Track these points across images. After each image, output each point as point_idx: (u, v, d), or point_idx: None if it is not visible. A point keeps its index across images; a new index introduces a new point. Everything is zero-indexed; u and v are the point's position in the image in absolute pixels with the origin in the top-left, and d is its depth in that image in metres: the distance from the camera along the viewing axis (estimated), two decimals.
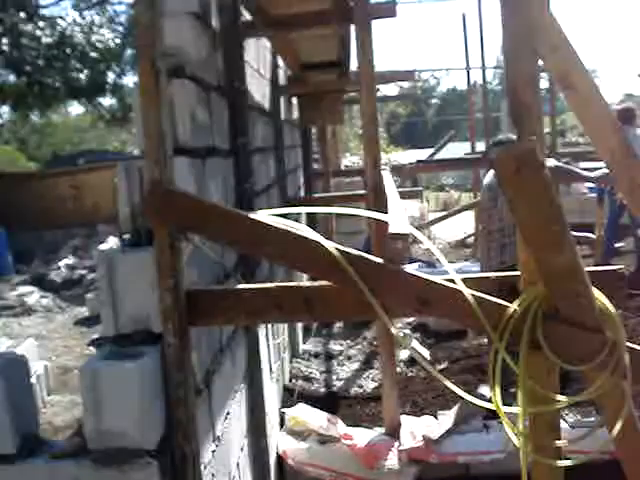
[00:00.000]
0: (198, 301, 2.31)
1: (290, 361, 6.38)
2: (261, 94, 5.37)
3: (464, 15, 12.54)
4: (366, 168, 4.16)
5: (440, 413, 4.78)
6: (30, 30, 17.09)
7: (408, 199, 10.85)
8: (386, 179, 4.46)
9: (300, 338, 7.16)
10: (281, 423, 4.81)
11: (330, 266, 2.12)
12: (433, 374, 2.31)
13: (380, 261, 2.15)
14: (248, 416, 3.67)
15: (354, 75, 6.44)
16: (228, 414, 3.15)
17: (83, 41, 18.05)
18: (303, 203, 7.28)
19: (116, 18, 19.91)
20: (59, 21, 18.04)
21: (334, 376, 6.28)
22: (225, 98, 3.59)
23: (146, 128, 2.14)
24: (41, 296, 11.37)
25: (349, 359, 6.74)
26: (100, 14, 19.53)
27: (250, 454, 3.67)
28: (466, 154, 12.46)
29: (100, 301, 2.31)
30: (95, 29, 18.71)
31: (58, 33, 17.70)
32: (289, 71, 7.27)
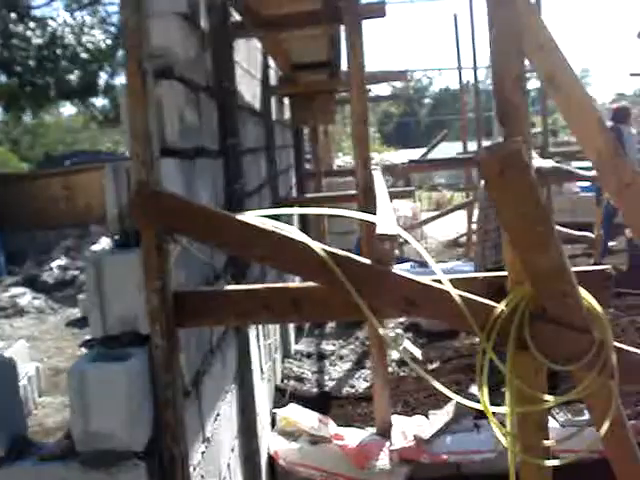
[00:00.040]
0: (186, 302, 2.30)
1: (282, 361, 6.38)
2: (252, 94, 5.36)
3: (455, 15, 12.55)
4: (356, 168, 4.16)
5: (431, 413, 4.79)
6: (21, 31, 17.03)
7: (400, 199, 10.88)
8: (377, 179, 4.47)
9: (292, 338, 7.16)
10: (272, 423, 4.81)
11: (317, 267, 2.12)
12: (420, 374, 2.31)
13: (367, 262, 2.16)
14: (239, 417, 3.67)
15: (345, 75, 6.45)
16: (218, 415, 3.14)
17: (74, 42, 17.99)
18: (294, 204, 7.27)
19: (108, 19, 19.88)
20: (50, 22, 17.98)
21: (326, 376, 6.28)
22: (214, 99, 3.58)
23: (133, 129, 2.13)
24: (33, 297, 11.35)
25: (341, 359, 6.75)
26: (91, 15, 19.49)
27: (241, 455, 3.67)
28: (458, 154, 12.47)
29: (88, 303, 2.30)
30: (86, 30, 18.65)
31: (49, 34, 17.64)
32: (280, 71, 7.27)
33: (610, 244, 9.98)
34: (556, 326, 2.11)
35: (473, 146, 12.20)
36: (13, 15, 17.00)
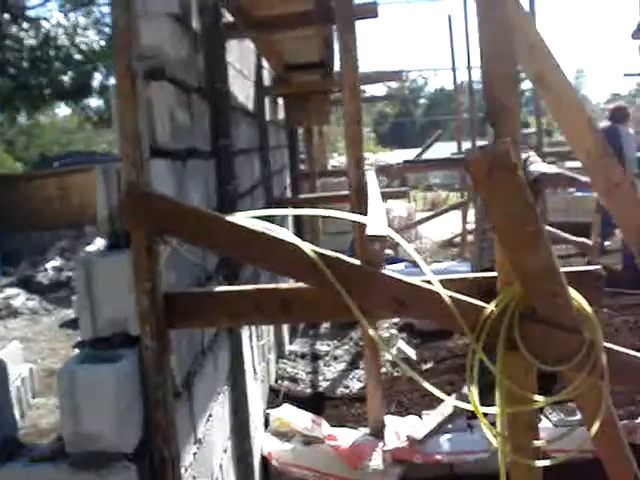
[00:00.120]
0: (177, 303, 2.30)
1: (276, 362, 6.37)
2: (245, 95, 5.36)
3: (450, 16, 12.56)
4: (349, 169, 4.16)
5: (425, 413, 4.79)
6: (14, 32, 16.99)
7: (395, 199, 10.90)
8: (370, 180, 4.47)
9: (286, 339, 7.15)
10: (266, 424, 4.81)
11: (307, 268, 2.12)
12: (410, 375, 2.31)
13: (357, 263, 2.16)
14: (231, 418, 3.67)
15: (338, 76, 6.44)
16: (210, 416, 3.14)
17: (67, 43, 17.95)
18: (288, 204, 7.27)
19: (102, 19, 19.83)
20: (43, 23, 17.93)
21: (320, 377, 6.27)
22: (207, 99, 3.58)
23: (122, 130, 2.13)
24: (27, 298, 11.31)
25: (335, 359, 6.74)
26: (85, 16, 19.45)
27: (234, 456, 3.67)
28: (453, 154, 12.48)
29: (78, 304, 2.30)
30: (80, 31, 18.60)
31: (42, 35, 17.60)
32: (274, 72, 7.27)
33: (605, 244, 9.99)
34: (546, 326, 2.11)
35: (468, 146, 12.21)
36: (7, 16, 16.96)
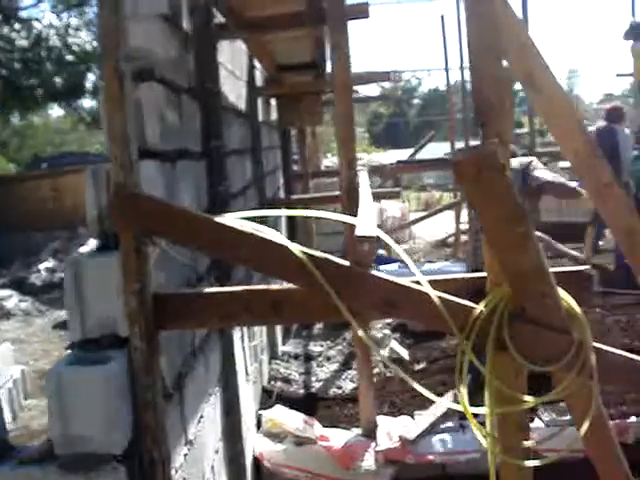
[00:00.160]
0: (167, 304, 2.29)
1: (269, 363, 6.37)
2: (237, 95, 5.35)
3: (442, 16, 12.57)
4: (340, 169, 4.16)
5: (417, 413, 4.79)
6: (6, 33, 16.92)
7: (388, 199, 10.90)
8: (362, 180, 4.47)
9: (279, 340, 7.15)
10: (258, 425, 4.80)
11: (297, 269, 2.12)
12: (400, 375, 2.31)
13: (347, 264, 2.15)
14: (223, 419, 3.66)
15: (330, 76, 6.44)
16: (201, 417, 3.13)
17: (59, 44, 17.89)
18: (281, 205, 7.26)
19: (95, 20, 19.75)
20: (35, 23, 17.87)
21: (313, 377, 6.27)
22: (197, 100, 3.57)
23: (110, 131, 2.12)
24: (20, 300, 11.29)
25: (328, 360, 6.74)
26: (78, 16, 19.40)
27: (225, 457, 3.66)
28: (446, 154, 12.50)
29: (67, 306, 2.29)
30: (72, 31, 18.54)
31: (34, 35, 17.53)
32: (266, 72, 7.26)
33: (599, 243, 10.01)
34: (535, 327, 2.11)
35: (460, 146, 12.23)
36: None
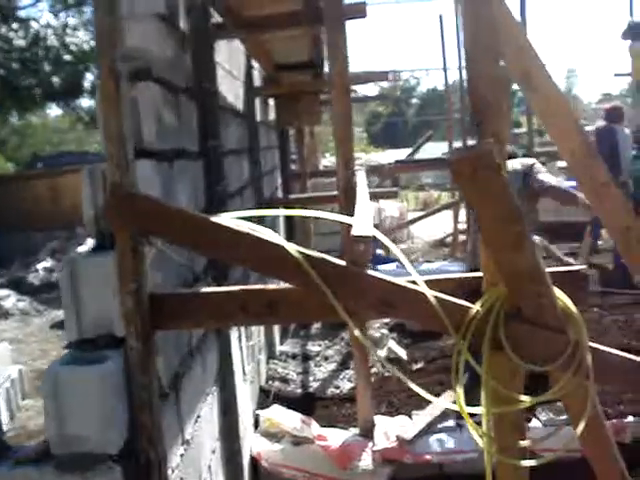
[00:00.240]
0: (163, 304, 2.29)
1: (267, 362, 6.37)
2: (234, 95, 5.35)
3: (441, 16, 12.56)
4: (338, 169, 4.15)
5: (414, 413, 4.79)
6: (4, 32, 16.90)
7: (386, 199, 10.90)
8: (360, 180, 4.47)
9: (277, 339, 7.15)
10: (256, 425, 4.80)
11: (293, 269, 2.11)
12: (396, 375, 2.31)
13: (343, 263, 2.15)
14: (220, 419, 3.66)
15: (329, 76, 6.44)
16: (198, 417, 3.13)
17: (57, 43, 17.87)
18: (279, 205, 7.26)
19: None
20: (32, 23, 17.85)
21: (311, 377, 6.27)
22: (195, 100, 3.57)
23: (106, 131, 2.12)
24: (18, 299, 11.28)
25: (326, 360, 6.74)
26: (75, 16, 19.38)
27: (223, 456, 3.66)
28: (444, 154, 12.50)
29: (63, 305, 2.29)
30: (69, 31, 18.52)
31: (31, 35, 17.50)
32: (264, 72, 7.26)
33: (598, 243, 10.03)
34: (531, 326, 2.11)
35: (458, 146, 12.22)
36: None
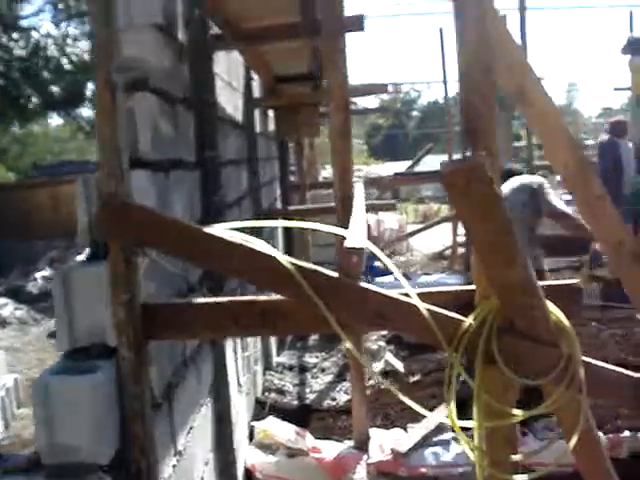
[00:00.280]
0: (157, 315, 2.29)
1: (263, 374, 6.35)
2: (233, 106, 5.36)
3: (441, 29, 12.60)
4: (335, 181, 4.16)
5: (410, 426, 4.78)
6: (5, 42, 16.93)
7: (384, 211, 10.92)
8: (357, 192, 4.47)
9: (274, 351, 7.13)
10: (250, 436, 4.79)
11: (285, 280, 2.11)
12: (388, 387, 2.31)
13: (335, 275, 2.15)
14: (214, 430, 3.65)
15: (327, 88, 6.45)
16: (192, 428, 3.12)
17: (57, 53, 17.90)
18: (278, 215, 7.27)
19: None
20: (33, 33, 17.89)
21: (307, 389, 6.26)
22: (192, 111, 3.58)
23: (101, 141, 2.13)
24: (15, 308, 11.27)
25: (323, 371, 6.73)
26: (78, 27, 19.43)
27: (216, 468, 3.64)
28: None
29: (56, 315, 2.29)
30: (70, 41, 18.56)
31: (32, 45, 17.54)
32: (263, 84, 7.28)
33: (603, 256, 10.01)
34: (524, 340, 2.11)
35: (453, 158, 12.23)
36: None
